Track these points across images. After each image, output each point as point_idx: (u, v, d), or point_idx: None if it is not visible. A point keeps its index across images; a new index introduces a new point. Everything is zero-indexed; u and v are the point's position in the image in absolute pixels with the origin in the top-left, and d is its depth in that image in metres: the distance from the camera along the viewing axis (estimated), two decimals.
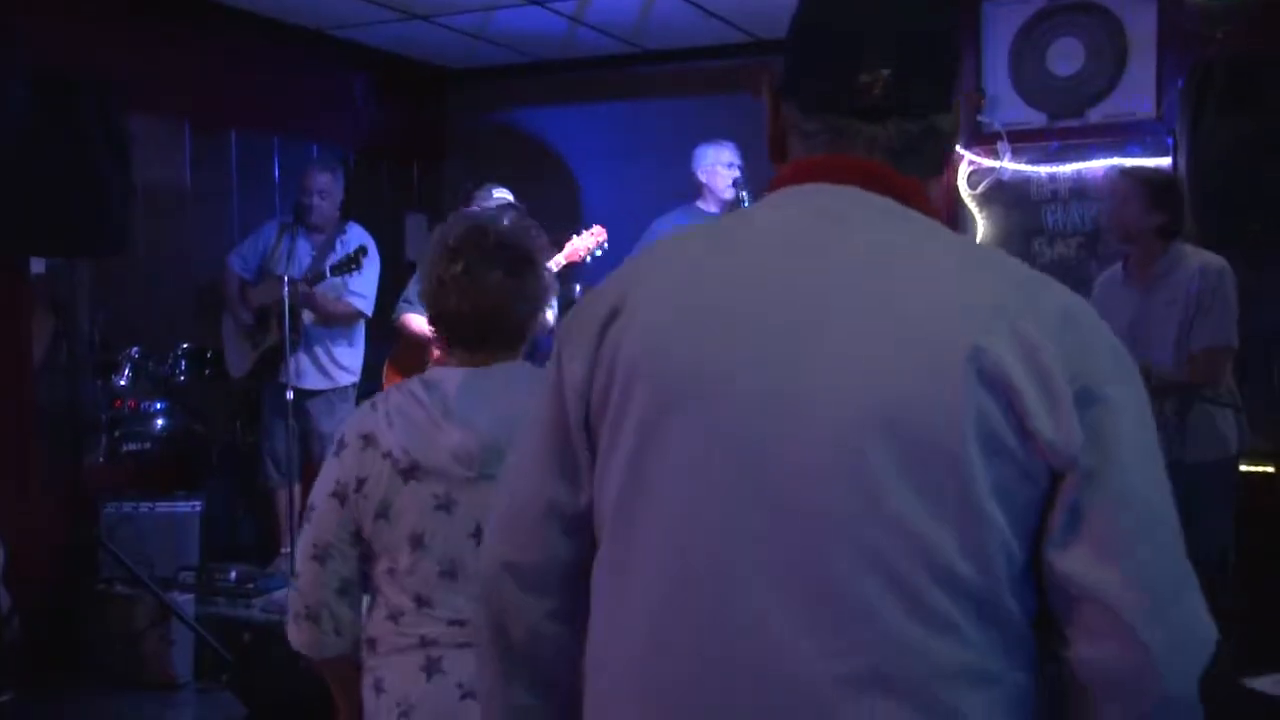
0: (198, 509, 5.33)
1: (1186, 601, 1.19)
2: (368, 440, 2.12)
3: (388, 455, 2.10)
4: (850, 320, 1.19)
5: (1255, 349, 4.85)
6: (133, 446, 5.66)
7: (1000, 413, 1.13)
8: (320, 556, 2.13)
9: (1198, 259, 4.26)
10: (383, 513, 2.10)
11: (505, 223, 2.18)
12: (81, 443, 5.37)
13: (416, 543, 2.09)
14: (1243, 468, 4.37)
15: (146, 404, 5.68)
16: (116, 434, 5.62)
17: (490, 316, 2.14)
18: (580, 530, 1.32)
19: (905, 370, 1.16)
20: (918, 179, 1.32)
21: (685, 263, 1.31)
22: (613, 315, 1.30)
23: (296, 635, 2.18)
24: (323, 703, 2.41)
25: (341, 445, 2.16)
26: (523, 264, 2.15)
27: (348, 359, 5.65)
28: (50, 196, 4.53)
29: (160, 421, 5.69)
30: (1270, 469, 5.01)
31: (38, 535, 4.94)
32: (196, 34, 5.89)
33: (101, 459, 5.53)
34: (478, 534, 2.03)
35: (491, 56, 7.19)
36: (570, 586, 1.34)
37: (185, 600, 4.97)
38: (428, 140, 7.77)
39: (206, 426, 5.90)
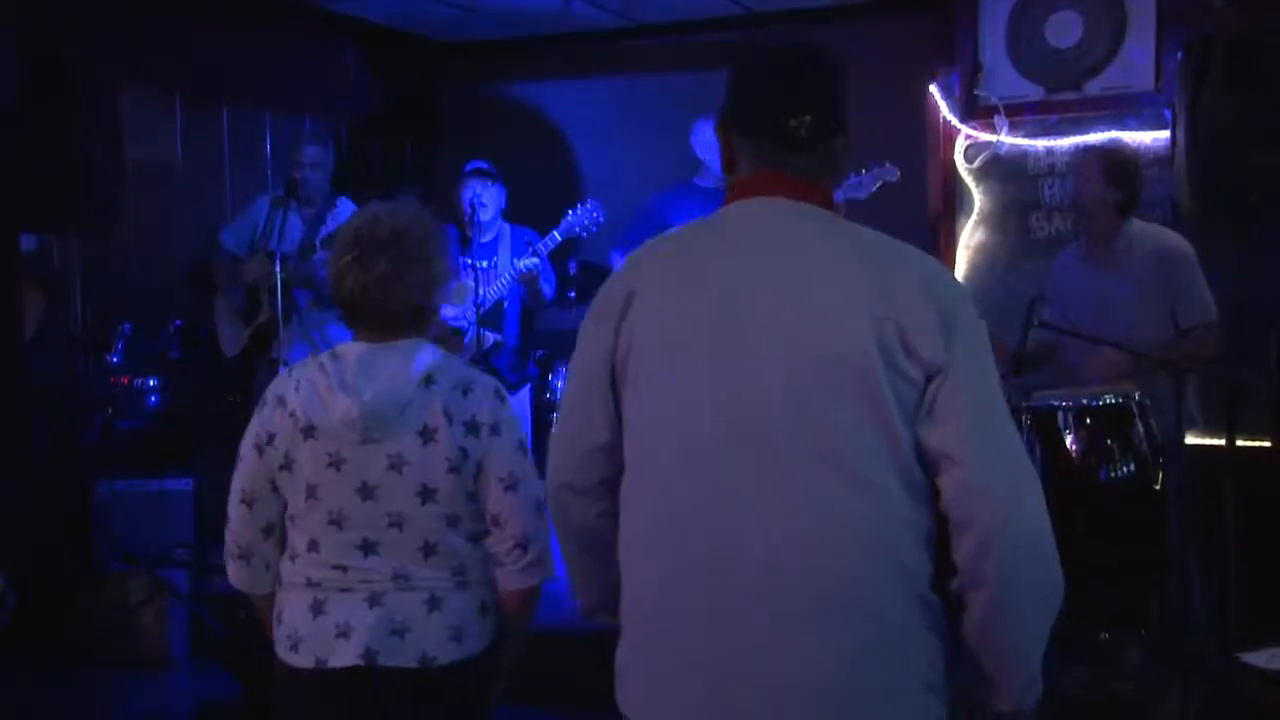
0: (191, 486, 5.32)
1: (1010, 454, 1.76)
2: (280, 401, 2.43)
3: (292, 415, 2.39)
4: (790, 295, 1.78)
5: (1252, 324, 4.84)
6: (126, 424, 5.64)
7: (895, 343, 1.71)
8: (247, 501, 2.48)
9: (1159, 238, 4.30)
10: (287, 465, 2.40)
11: (400, 216, 2.45)
12: (75, 420, 5.35)
13: (310, 493, 2.37)
14: (1240, 443, 4.36)
15: (139, 381, 5.66)
16: (110, 411, 5.60)
17: (379, 300, 2.39)
18: (613, 456, 1.88)
19: (831, 327, 1.74)
20: (826, 184, 1.92)
21: (676, 258, 1.91)
22: (630, 298, 1.86)
23: (234, 574, 2.54)
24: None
25: (262, 404, 2.47)
26: (407, 254, 2.39)
27: (339, 335, 5.62)
28: (38, 172, 4.49)
29: (153, 399, 5.68)
30: (1268, 444, 5.01)
31: (32, 513, 4.93)
32: (187, 8, 5.84)
33: (95, 436, 5.52)
34: (362, 490, 2.34)
35: (485, 30, 7.14)
36: (608, 493, 1.92)
37: (179, 577, 4.97)
38: (421, 115, 7.72)
39: (200, 403, 5.88)
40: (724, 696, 1.73)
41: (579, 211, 5.21)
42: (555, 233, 5.14)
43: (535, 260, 5.02)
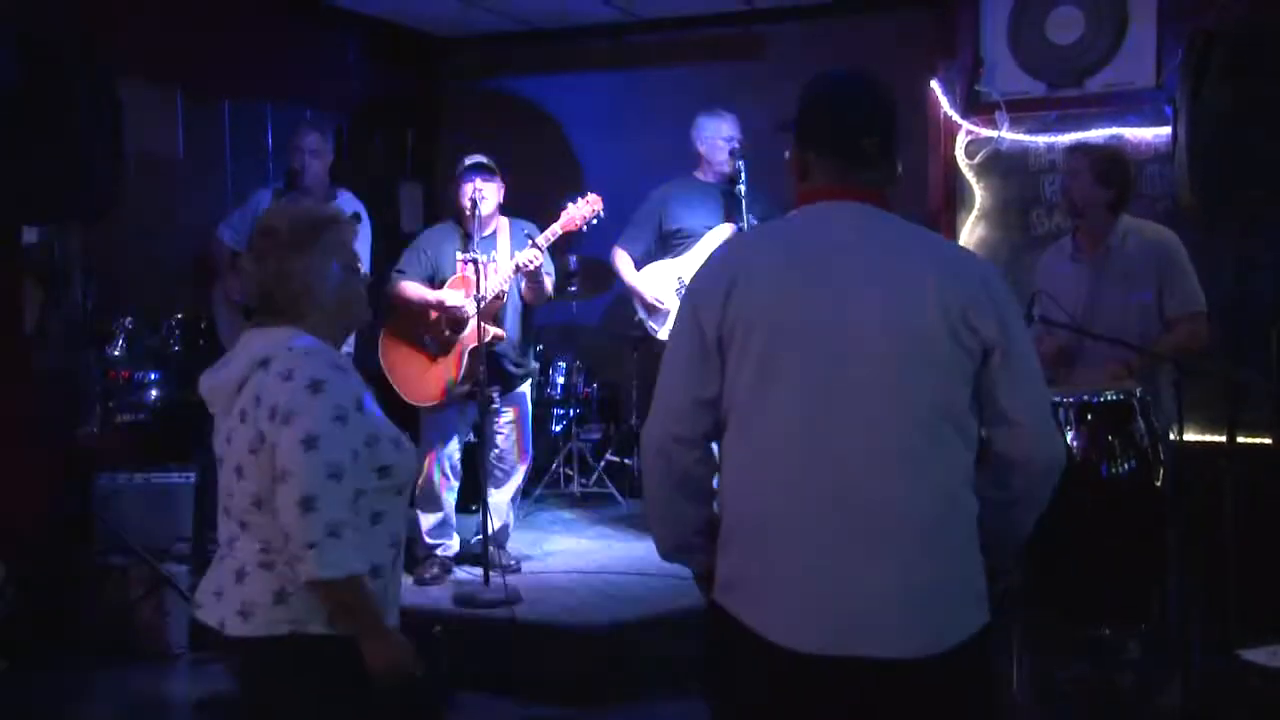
0: (192, 480, 5.31)
1: (1050, 418, 2.32)
2: None
3: None
4: (876, 283, 2.18)
5: (1253, 319, 4.84)
6: (126, 417, 5.63)
7: (960, 324, 2.15)
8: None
9: (1148, 232, 4.32)
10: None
11: (274, 212, 2.66)
12: (75, 413, 5.35)
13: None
14: (1241, 439, 4.37)
15: (140, 374, 5.65)
16: (110, 404, 5.59)
17: (258, 286, 2.55)
18: (712, 411, 2.23)
19: (912, 309, 2.16)
20: (888, 194, 2.33)
21: (773, 253, 2.26)
22: (732, 285, 2.21)
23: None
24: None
25: None
26: (274, 246, 2.52)
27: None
28: (39, 164, 4.48)
29: (154, 392, 5.66)
30: (1268, 440, 5.01)
31: (32, 506, 4.93)
32: (189, 0, 5.84)
33: (95, 430, 5.51)
34: (219, 459, 2.54)
35: (487, 24, 7.14)
36: (706, 443, 2.28)
37: (180, 571, 4.97)
38: (422, 109, 7.73)
39: (200, 397, 5.86)
40: (826, 601, 2.14)
41: (578, 204, 5.19)
42: (555, 226, 5.13)
43: (536, 253, 5.00)
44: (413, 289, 5.19)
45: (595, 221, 5.23)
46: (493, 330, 5.05)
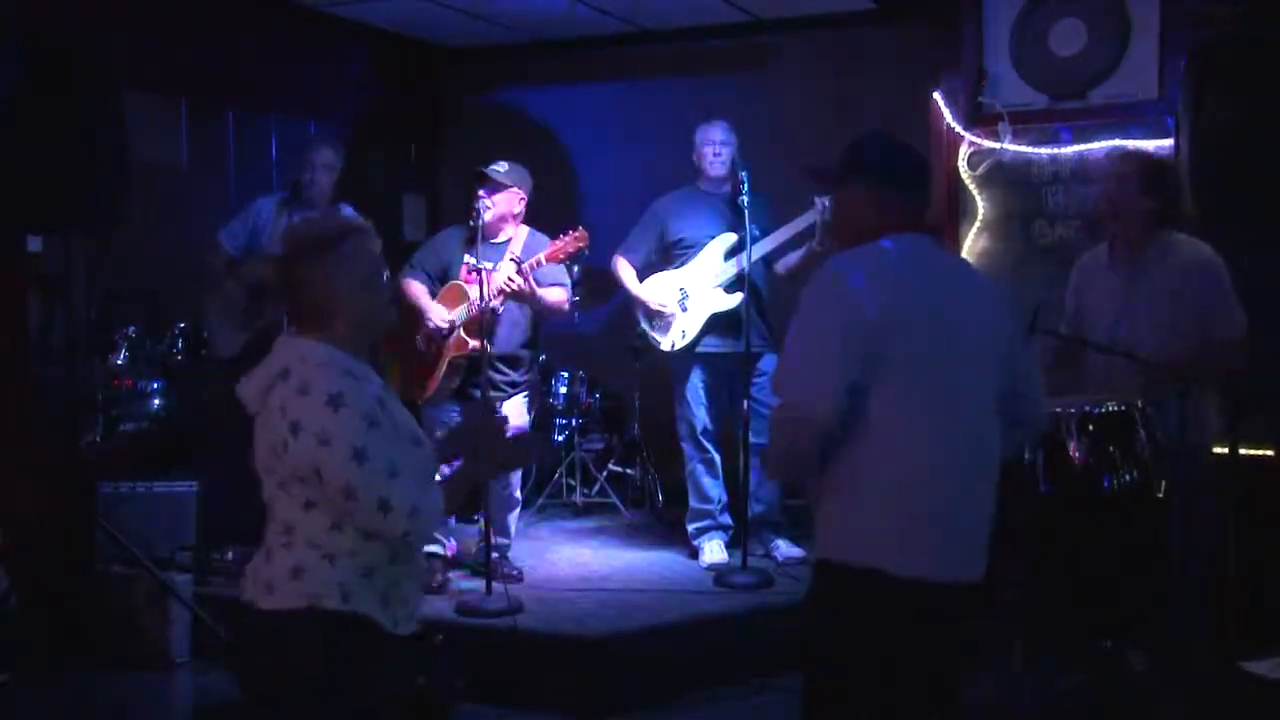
0: (195, 489, 5.32)
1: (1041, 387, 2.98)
2: None
3: None
4: (970, 299, 2.78)
5: (1256, 332, 4.84)
6: (130, 426, 5.64)
7: (1011, 329, 2.84)
8: None
9: (1193, 250, 4.22)
10: None
11: (293, 229, 2.78)
12: (78, 422, 5.35)
13: None
14: (1242, 451, 4.36)
15: (143, 383, 5.66)
16: (114, 414, 5.60)
17: (289, 303, 2.71)
18: (853, 394, 2.61)
19: (993, 316, 2.79)
20: None
21: (903, 274, 2.71)
22: (878, 296, 2.63)
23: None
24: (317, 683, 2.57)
25: None
26: (289, 260, 2.66)
27: None
28: (43, 173, 4.50)
29: (157, 401, 5.68)
30: (1270, 452, 5.01)
31: (35, 515, 4.93)
32: (194, 11, 5.86)
33: (98, 439, 5.52)
34: (265, 466, 2.63)
35: (490, 35, 7.16)
36: (844, 417, 2.64)
37: (183, 580, 4.98)
38: (425, 120, 7.75)
39: (203, 406, 5.88)
40: (956, 539, 2.71)
41: (566, 238, 5.13)
42: (540, 255, 5.12)
43: (509, 276, 5.03)
44: (413, 289, 5.25)
45: (582, 257, 5.28)
46: (473, 343, 5.07)
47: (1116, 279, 4.30)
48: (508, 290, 5.04)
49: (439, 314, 5.17)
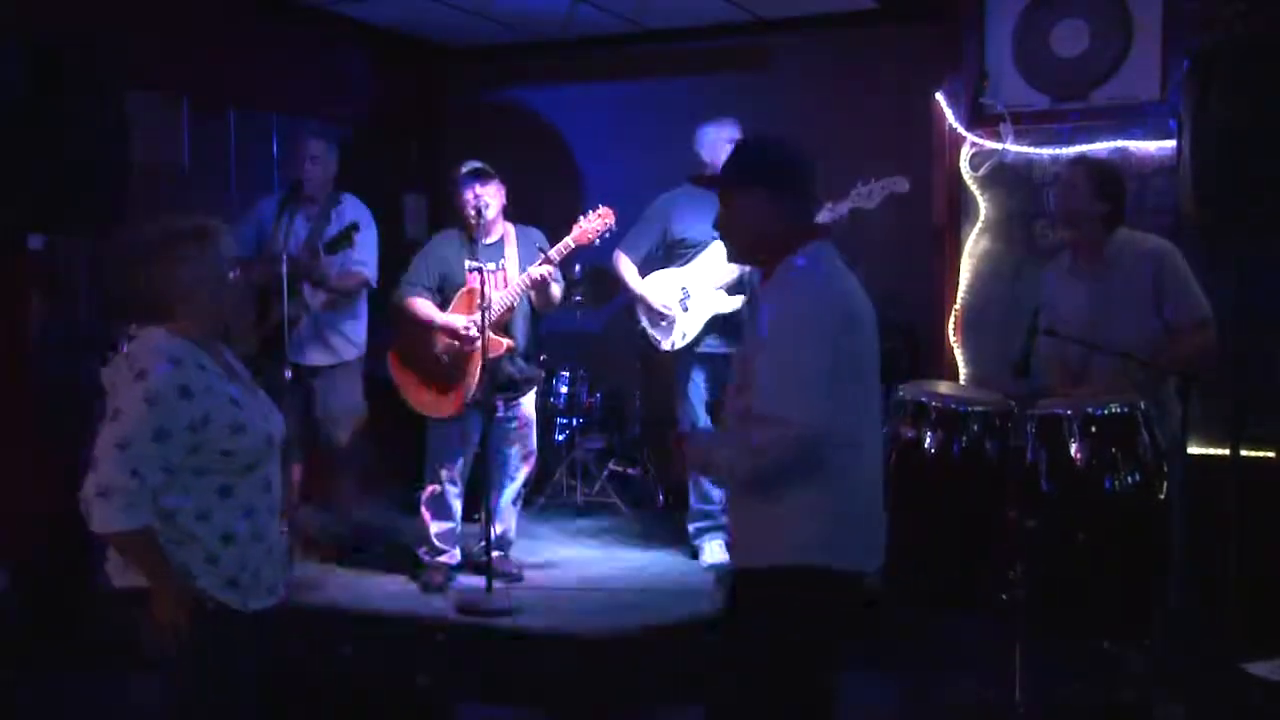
0: None
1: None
2: None
3: None
4: (869, 306, 2.86)
5: (1258, 333, 4.83)
6: None
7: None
8: None
9: (1145, 243, 4.29)
10: None
11: (135, 231, 3.13)
12: (79, 421, 5.34)
13: None
14: (1244, 453, 4.36)
15: None
16: None
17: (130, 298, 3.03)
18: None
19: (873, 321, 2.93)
20: None
21: (850, 282, 2.85)
22: (844, 302, 2.79)
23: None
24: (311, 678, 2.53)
25: None
26: (133, 261, 3.03)
27: (353, 332, 5.63)
28: (44, 173, 4.50)
29: None
30: (1271, 454, 5.00)
31: (35, 515, 4.93)
32: (195, 11, 5.85)
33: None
34: None
35: (492, 34, 7.15)
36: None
37: None
38: (427, 119, 7.74)
39: None
40: (881, 531, 2.92)
41: (590, 218, 5.17)
42: (568, 239, 5.12)
43: (549, 267, 5.03)
44: (421, 308, 5.19)
45: (608, 235, 5.24)
46: (505, 341, 5.07)
47: (1082, 284, 4.34)
48: (542, 282, 5.06)
49: (461, 321, 5.15)
